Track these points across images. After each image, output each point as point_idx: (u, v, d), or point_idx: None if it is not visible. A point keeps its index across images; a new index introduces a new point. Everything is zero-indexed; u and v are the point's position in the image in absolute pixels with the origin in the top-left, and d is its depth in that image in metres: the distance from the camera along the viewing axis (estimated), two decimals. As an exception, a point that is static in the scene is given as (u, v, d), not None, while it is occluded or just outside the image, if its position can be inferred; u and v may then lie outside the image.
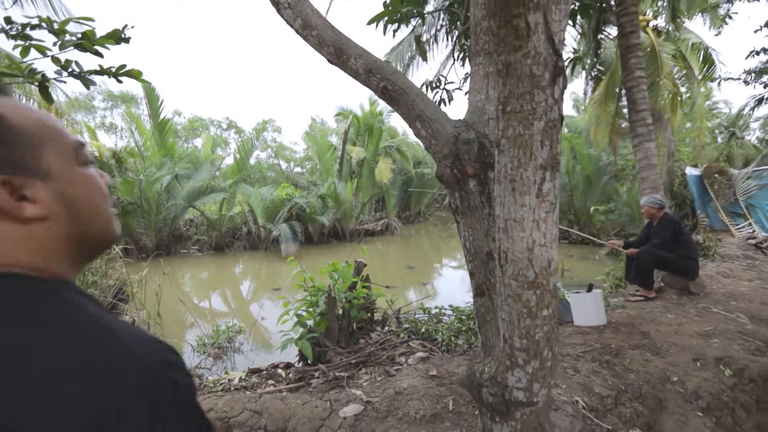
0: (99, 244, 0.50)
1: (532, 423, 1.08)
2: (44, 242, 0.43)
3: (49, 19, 1.86)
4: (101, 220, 0.49)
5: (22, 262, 0.42)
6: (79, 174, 0.47)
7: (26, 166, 0.42)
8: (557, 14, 0.89)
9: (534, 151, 0.85)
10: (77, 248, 0.47)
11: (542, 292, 0.94)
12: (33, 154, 0.43)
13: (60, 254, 0.45)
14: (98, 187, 0.50)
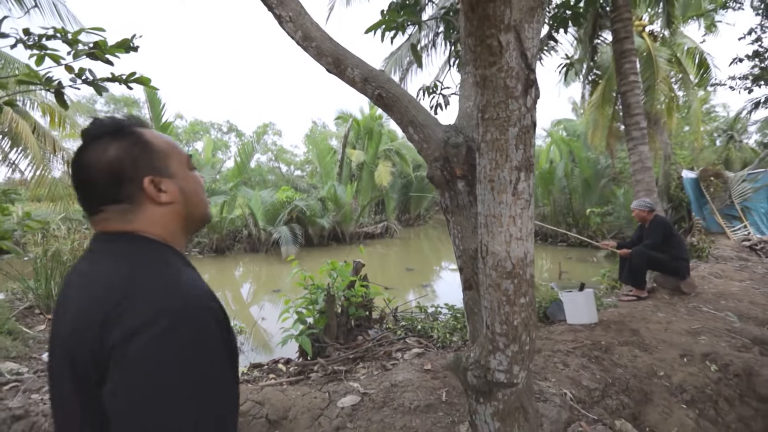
0: (199, 222, 0.77)
1: (514, 404, 1.18)
2: (169, 219, 0.70)
3: (63, 29, 1.96)
4: (202, 206, 0.76)
5: (156, 231, 0.68)
6: (190, 175, 0.74)
7: (162, 169, 0.69)
8: (530, 32, 0.99)
9: (509, 153, 0.95)
10: (186, 224, 0.73)
11: (519, 281, 1.04)
12: (165, 162, 0.70)
13: (175, 228, 0.71)
14: (201, 184, 0.77)
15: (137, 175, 0.67)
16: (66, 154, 10.21)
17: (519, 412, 1.20)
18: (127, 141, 0.68)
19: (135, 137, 0.69)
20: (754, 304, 3.81)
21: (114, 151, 0.67)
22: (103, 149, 0.66)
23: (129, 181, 0.66)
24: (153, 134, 0.71)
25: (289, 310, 2.89)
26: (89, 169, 0.67)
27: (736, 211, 9.51)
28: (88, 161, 0.67)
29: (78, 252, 5.27)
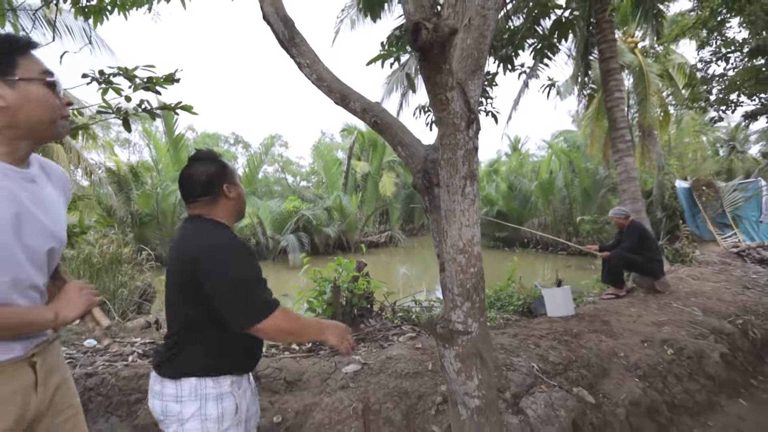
0: (242, 214, 1.36)
1: (470, 348, 1.59)
2: (230, 209, 1.30)
3: (126, 68, 2.47)
4: (244, 204, 1.37)
5: (222, 215, 1.27)
6: (240, 185, 1.33)
7: (231, 180, 1.29)
8: (472, 86, 1.44)
9: (459, 168, 1.39)
10: (237, 214, 1.33)
11: (469, 256, 1.47)
12: (232, 177, 1.31)
13: (232, 214, 1.31)
14: (243, 190, 1.35)
15: (220, 182, 1.27)
16: (87, 165, 10.81)
17: (476, 356, 1.62)
18: (217, 164, 1.30)
19: (221, 162, 1.31)
20: (721, 300, 4.19)
21: (211, 168, 1.27)
22: (206, 166, 1.27)
23: (216, 185, 1.26)
24: (225, 161, 1.34)
25: (300, 301, 3.34)
26: (196, 176, 1.25)
27: (728, 219, 9.84)
28: (195, 171, 1.26)
29: (106, 255, 5.78)
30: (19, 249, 0.91)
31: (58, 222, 1.04)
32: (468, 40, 1.46)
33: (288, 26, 2.00)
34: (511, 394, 2.27)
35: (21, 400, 0.93)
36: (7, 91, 0.89)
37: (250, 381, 1.33)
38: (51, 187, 1.07)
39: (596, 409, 2.32)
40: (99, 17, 3.49)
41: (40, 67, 0.95)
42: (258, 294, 1.14)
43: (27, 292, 0.95)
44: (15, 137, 0.92)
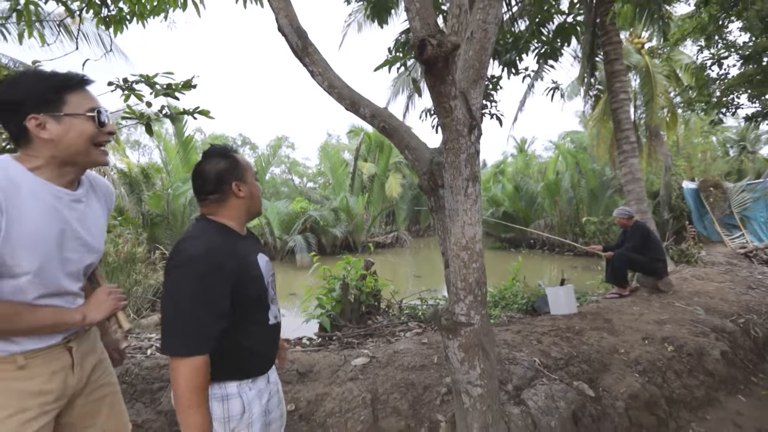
0: (255, 212, 1.30)
1: (473, 339, 1.70)
2: (239, 207, 1.24)
3: (148, 76, 2.61)
4: (257, 203, 1.30)
5: (231, 218, 1.23)
6: (254, 184, 1.28)
7: (242, 178, 1.23)
8: (474, 94, 1.55)
9: (461, 170, 1.50)
10: (248, 212, 1.26)
11: (471, 252, 1.58)
12: (243, 174, 1.24)
13: (241, 213, 1.25)
14: (259, 190, 1.30)
15: (229, 179, 1.20)
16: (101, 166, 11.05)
17: (478, 347, 1.73)
18: (227, 160, 1.22)
19: (232, 158, 1.24)
20: (724, 300, 4.23)
21: (222, 165, 1.21)
22: (215, 162, 1.21)
23: (225, 182, 1.20)
24: (241, 157, 1.27)
25: (309, 299, 3.47)
26: (205, 172, 1.20)
27: (736, 220, 9.79)
28: (206, 168, 1.21)
29: (121, 254, 5.97)
30: (59, 261, 1.05)
31: (97, 237, 1.18)
32: (470, 52, 1.57)
33: (301, 37, 2.12)
34: (513, 386, 2.36)
35: (60, 378, 1.08)
36: (53, 125, 1.00)
37: (270, 383, 1.28)
38: (96, 201, 1.20)
39: (596, 401, 2.41)
40: (119, 26, 3.66)
41: (89, 103, 1.06)
42: (176, 326, 1.04)
43: (63, 296, 1.10)
44: (62, 164, 1.05)
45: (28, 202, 0.97)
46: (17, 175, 0.98)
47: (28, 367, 1.01)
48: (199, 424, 1.04)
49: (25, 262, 0.97)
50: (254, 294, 1.18)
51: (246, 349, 1.18)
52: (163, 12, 3.92)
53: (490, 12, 1.52)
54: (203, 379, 1.05)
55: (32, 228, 0.97)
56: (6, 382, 0.98)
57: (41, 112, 0.99)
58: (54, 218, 1.03)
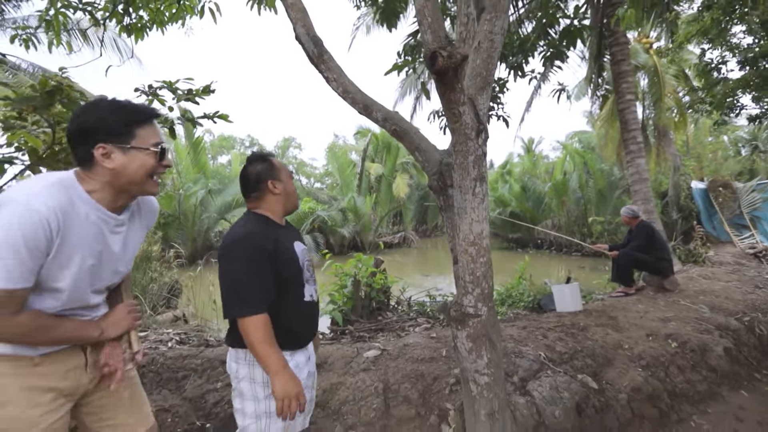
0: (291, 207, 1.54)
1: (480, 330, 1.80)
2: (276, 203, 1.49)
3: (170, 82, 2.76)
4: (294, 200, 1.54)
5: (271, 211, 1.48)
6: (289, 182, 1.52)
7: (277, 177, 1.48)
8: (481, 100, 1.65)
9: (469, 171, 1.61)
10: (283, 208, 1.51)
11: (479, 247, 1.68)
12: (278, 174, 1.49)
13: (278, 208, 1.49)
14: (295, 188, 1.55)
15: (266, 179, 1.46)
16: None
17: (485, 338, 1.83)
18: (264, 163, 1.48)
19: (268, 162, 1.49)
20: (729, 299, 4.27)
21: (259, 167, 1.47)
22: (255, 166, 1.48)
23: (263, 181, 1.46)
24: (276, 161, 1.52)
25: (321, 296, 3.59)
26: (247, 175, 1.48)
27: (745, 220, 9.73)
28: (247, 171, 1.48)
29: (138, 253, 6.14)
30: (90, 280, 1.10)
31: (129, 258, 1.23)
32: (477, 60, 1.68)
33: (317, 45, 2.24)
34: (518, 377, 2.46)
35: (74, 377, 1.13)
36: (118, 156, 1.05)
37: (310, 362, 1.50)
38: (138, 222, 1.25)
39: (599, 394, 2.50)
40: (140, 34, 3.83)
41: (154, 137, 1.12)
42: (234, 294, 1.27)
43: (86, 309, 1.16)
44: (116, 191, 1.10)
45: (79, 227, 1.02)
46: (77, 198, 1.03)
47: (43, 364, 1.07)
48: (277, 361, 1.28)
49: (62, 281, 1.02)
50: (288, 274, 1.40)
51: (285, 322, 1.37)
52: (180, 19, 4.08)
53: (496, 23, 1.62)
54: (267, 332, 1.28)
55: (77, 252, 1.03)
56: (21, 378, 1.03)
57: (110, 142, 1.05)
58: (97, 241, 1.08)
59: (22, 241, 0.90)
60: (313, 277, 1.56)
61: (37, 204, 0.93)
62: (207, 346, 2.93)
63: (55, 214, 0.95)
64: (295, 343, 1.44)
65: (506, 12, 1.64)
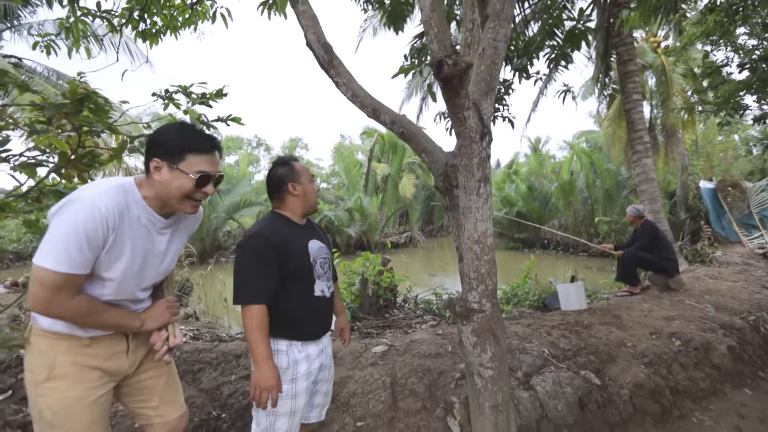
0: (311, 208, 1.63)
1: (484, 325, 1.88)
2: (296, 203, 1.60)
3: (185, 86, 2.86)
4: (312, 201, 1.63)
5: (291, 211, 1.59)
6: (309, 185, 1.62)
7: (297, 180, 1.59)
8: (485, 105, 1.73)
9: (474, 172, 1.68)
10: (302, 208, 1.61)
11: (483, 246, 1.76)
12: (300, 176, 1.60)
13: (297, 208, 1.60)
14: (314, 189, 1.63)
15: (287, 181, 1.57)
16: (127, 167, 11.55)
17: (489, 332, 1.91)
18: (286, 167, 1.59)
19: (290, 165, 1.60)
20: (735, 298, 4.29)
21: (281, 170, 1.58)
22: (277, 169, 1.59)
23: (284, 184, 1.57)
24: (298, 165, 1.62)
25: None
26: (270, 178, 1.59)
27: (755, 220, 9.66)
28: (271, 173, 1.60)
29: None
30: (137, 276, 1.25)
31: (172, 258, 1.37)
32: (482, 67, 1.75)
33: (328, 51, 2.33)
34: (522, 373, 2.53)
35: (116, 360, 1.28)
36: (165, 172, 1.20)
37: (323, 354, 1.60)
38: (182, 227, 1.39)
39: (602, 389, 2.55)
40: (154, 39, 3.95)
41: (201, 166, 1.23)
42: (241, 284, 1.40)
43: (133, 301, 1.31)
44: (161, 201, 1.24)
45: (131, 227, 1.18)
46: (133, 201, 1.19)
47: (92, 346, 1.22)
48: (261, 352, 1.37)
49: (113, 272, 1.17)
50: (296, 268, 1.49)
51: (293, 314, 1.49)
52: (193, 24, 4.20)
53: (499, 31, 1.70)
54: (262, 321, 1.39)
55: (127, 248, 1.18)
56: (73, 355, 1.19)
57: (162, 158, 1.20)
58: (145, 240, 1.23)
59: (84, 234, 1.06)
60: (328, 275, 1.63)
61: (100, 204, 1.09)
62: (220, 341, 3.03)
63: (113, 214, 1.11)
64: (304, 334, 1.53)
65: (509, 20, 1.71)
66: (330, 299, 1.65)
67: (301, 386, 1.49)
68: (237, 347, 2.76)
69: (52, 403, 1.15)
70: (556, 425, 2.25)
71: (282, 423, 1.46)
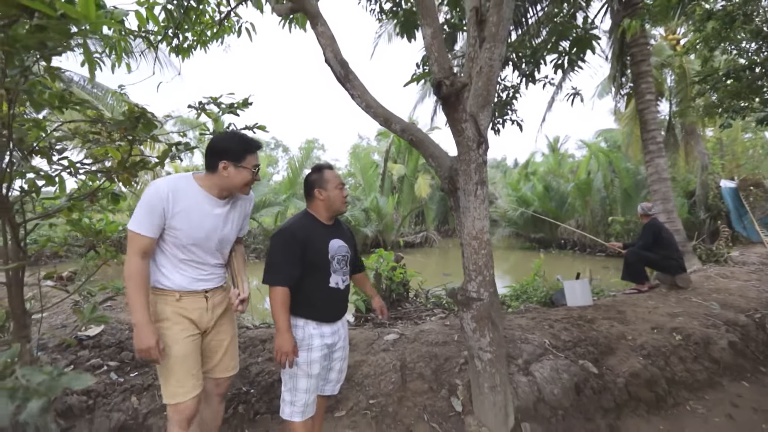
0: (336, 211, 1.89)
1: (483, 312, 2.09)
2: (321, 206, 1.87)
3: (215, 97, 3.18)
4: (336, 206, 1.87)
5: (318, 212, 1.88)
6: (335, 191, 1.86)
7: (323, 186, 1.85)
8: (482, 116, 1.94)
9: (472, 176, 1.91)
10: (327, 211, 1.87)
11: (480, 241, 1.98)
12: (327, 183, 1.86)
13: (322, 210, 1.87)
14: (340, 195, 1.87)
15: (315, 187, 1.83)
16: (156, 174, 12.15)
17: (488, 319, 2.13)
18: (317, 174, 1.85)
19: (321, 173, 1.84)
20: (743, 297, 4.34)
21: (313, 176, 1.86)
22: (310, 175, 1.88)
23: (313, 189, 1.84)
24: (329, 172, 1.85)
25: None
26: (305, 182, 1.89)
27: (778, 220, 9.46)
28: (306, 178, 1.90)
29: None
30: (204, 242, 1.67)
31: (232, 231, 1.77)
32: (479, 83, 1.98)
33: (344, 67, 2.59)
34: (523, 360, 2.73)
35: (199, 314, 1.69)
36: (231, 170, 1.62)
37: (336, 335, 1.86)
38: (238, 206, 1.78)
39: (598, 377, 2.73)
40: (186, 53, 4.31)
41: (255, 161, 1.67)
42: (270, 268, 1.71)
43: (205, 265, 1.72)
44: (223, 189, 1.67)
45: (192, 204, 1.61)
46: (189, 187, 1.62)
47: (182, 301, 1.65)
48: (282, 324, 1.68)
49: (179, 234, 1.60)
50: (314, 260, 1.76)
51: (309, 298, 1.77)
52: (220, 38, 4.54)
53: (495, 51, 1.92)
54: (284, 300, 1.69)
55: (191, 219, 1.60)
56: (171, 306, 1.64)
57: (229, 160, 1.62)
58: (206, 216, 1.65)
59: (148, 205, 1.52)
60: (344, 270, 1.89)
61: (160, 184, 1.56)
62: (247, 329, 3.34)
63: (168, 190, 1.55)
64: (318, 317, 1.81)
65: (503, 42, 1.93)
66: (344, 291, 1.90)
67: (316, 355, 1.78)
68: (262, 333, 3.06)
69: (163, 336, 1.58)
70: (552, 407, 2.45)
71: (302, 383, 1.78)
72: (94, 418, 2.05)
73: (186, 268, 1.66)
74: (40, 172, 2.02)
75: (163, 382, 1.63)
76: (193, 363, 1.65)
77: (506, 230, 18.75)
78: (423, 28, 1.80)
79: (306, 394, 1.78)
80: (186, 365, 1.63)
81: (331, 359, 1.90)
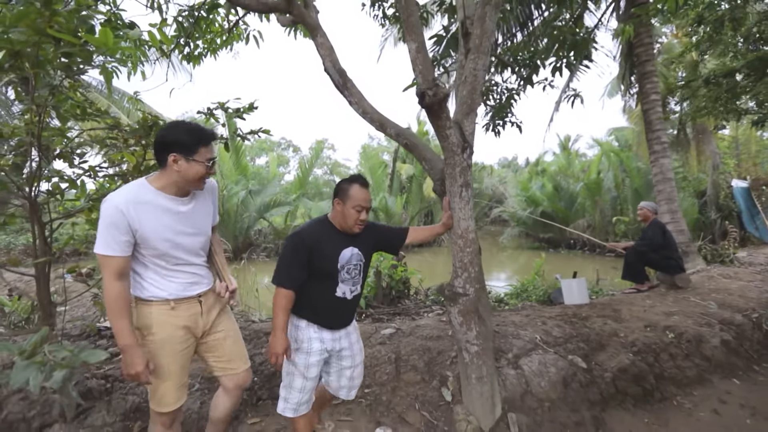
0: (345, 228, 1.84)
1: (470, 307, 2.22)
2: (338, 214, 1.84)
3: (222, 103, 3.36)
4: (348, 222, 1.81)
5: (334, 219, 1.87)
6: (350, 210, 1.79)
7: (343, 201, 1.80)
8: (467, 122, 2.07)
9: (457, 179, 2.04)
10: (340, 221, 1.84)
11: (465, 240, 2.11)
12: (347, 199, 1.80)
13: (339, 217, 1.84)
14: (354, 215, 1.80)
15: (337, 195, 1.82)
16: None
17: (474, 314, 2.26)
18: (345, 184, 1.82)
19: (347, 185, 1.80)
20: (743, 297, 4.37)
21: (339, 186, 1.83)
22: (339, 184, 1.84)
23: (336, 196, 1.82)
24: (355, 189, 1.79)
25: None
26: (334, 188, 1.85)
27: (791, 221, 9.30)
28: (336, 184, 1.85)
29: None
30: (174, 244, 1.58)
31: (202, 225, 1.68)
32: (464, 92, 2.11)
33: (342, 75, 2.74)
34: (513, 354, 2.85)
35: (194, 319, 1.67)
36: (183, 164, 1.51)
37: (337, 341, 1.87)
38: (202, 200, 1.69)
39: (587, 372, 2.83)
40: (197, 60, 4.53)
41: (209, 154, 1.56)
42: (278, 270, 1.75)
43: (189, 265, 1.65)
44: (178, 185, 1.56)
45: (155, 210, 1.52)
46: (146, 193, 1.52)
47: (176, 309, 1.60)
48: (279, 324, 1.72)
49: (155, 244, 1.53)
50: (321, 268, 1.78)
51: (313, 304, 1.82)
52: (229, 45, 4.75)
53: (478, 62, 2.05)
54: (286, 302, 1.74)
55: (160, 225, 1.53)
56: (165, 316, 1.59)
57: (179, 153, 1.50)
58: (174, 217, 1.56)
59: (111, 224, 1.43)
60: (355, 279, 1.88)
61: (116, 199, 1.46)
62: (252, 322, 3.53)
63: (126, 202, 1.46)
64: (320, 323, 1.84)
65: (487, 53, 2.05)
66: (351, 301, 1.90)
67: (314, 359, 1.82)
68: (266, 326, 3.24)
69: (152, 352, 1.56)
70: (539, 399, 2.56)
71: (297, 383, 1.83)
72: (112, 400, 2.25)
73: (176, 274, 1.61)
74: (63, 176, 2.22)
75: (151, 390, 1.63)
76: (182, 375, 1.66)
77: (515, 230, 18.71)
78: (408, 43, 1.94)
79: (300, 394, 1.83)
80: (175, 379, 1.63)
81: (341, 366, 1.94)
